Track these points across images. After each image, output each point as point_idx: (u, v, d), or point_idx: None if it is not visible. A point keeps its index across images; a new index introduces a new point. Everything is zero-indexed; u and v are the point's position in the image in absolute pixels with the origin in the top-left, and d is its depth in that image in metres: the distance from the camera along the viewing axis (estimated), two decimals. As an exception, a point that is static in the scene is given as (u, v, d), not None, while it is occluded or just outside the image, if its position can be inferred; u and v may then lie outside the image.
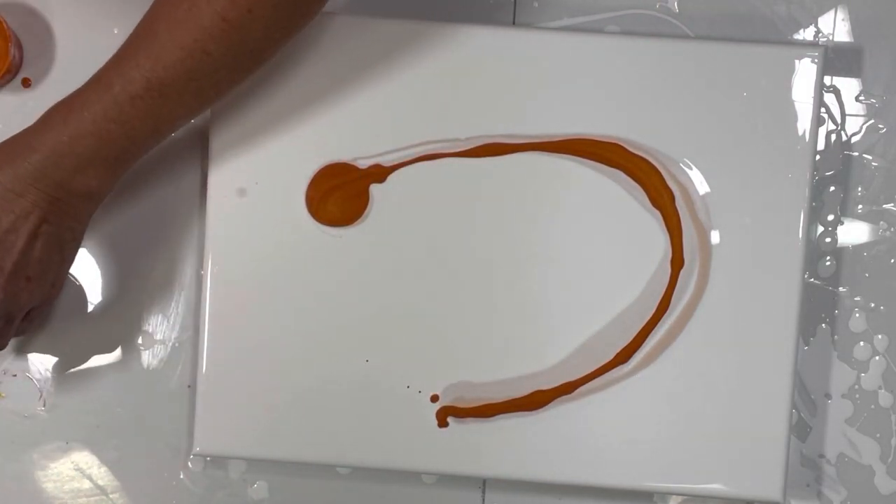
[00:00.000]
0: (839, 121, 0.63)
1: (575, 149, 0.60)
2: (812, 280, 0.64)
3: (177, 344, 0.65)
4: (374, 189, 0.61)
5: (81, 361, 0.65)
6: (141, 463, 0.65)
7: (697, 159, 0.60)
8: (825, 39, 0.63)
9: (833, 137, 0.64)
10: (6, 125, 0.54)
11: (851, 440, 0.64)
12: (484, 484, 0.65)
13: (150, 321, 0.65)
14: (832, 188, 0.64)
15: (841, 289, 0.64)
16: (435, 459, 0.61)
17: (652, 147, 0.60)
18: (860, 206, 0.64)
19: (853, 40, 0.63)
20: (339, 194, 0.61)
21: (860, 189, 0.64)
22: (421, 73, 0.60)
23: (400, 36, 0.60)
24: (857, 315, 0.64)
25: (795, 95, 0.59)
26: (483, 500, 0.65)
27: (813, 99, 0.59)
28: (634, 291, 0.60)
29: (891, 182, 0.63)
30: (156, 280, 0.64)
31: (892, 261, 0.64)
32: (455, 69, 0.60)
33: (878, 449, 0.64)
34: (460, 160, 0.61)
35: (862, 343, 0.64)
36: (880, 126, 0.63)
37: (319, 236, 0.61)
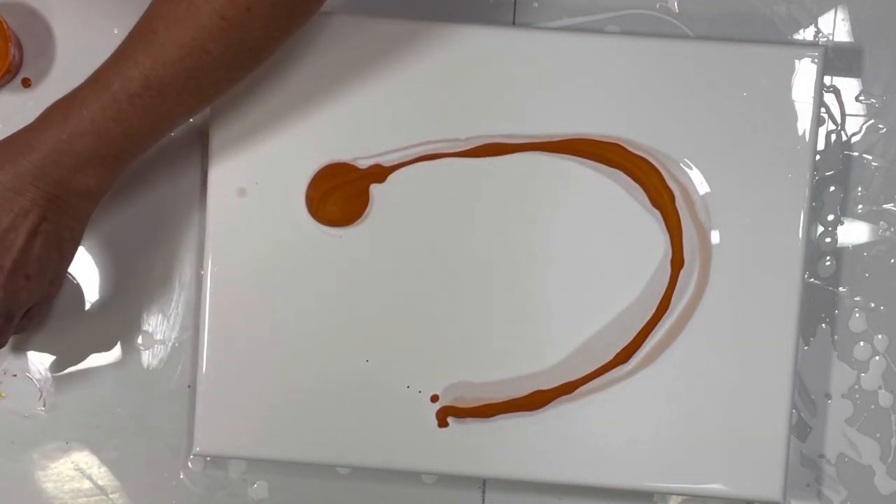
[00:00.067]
0: (839, 121, 0.63)
1: (575, 149, 0.60)
2: (812, 280, 0.64)
3: (177, 344, 0.65)
4: (374, 189, 0.61)
5: (80, 360, 0.65)
6: (141, 463, 0.65)
7: (697, 159, 0.60)
8: (825, 39, 0.63)
9: (833, 137, 0.64)
10: (6, 125, 0.54)
11: (851, 440, 0.64)
12: (484, 484, 0.65)
13: (150, 321, 0.65)
14: (832, 188, 0.64)
15: (841, 289, 0.64)
16: (435, 459, 0.61)
17: (652, 147, 0.60)
18: (860, 206, 0.64)
19: (853, 40, 0.63)
20: (339, 194, 0.61)
21: (860, 189, 0.64)
22: (421, 73, 0.60)
23: (400, 36, 0.60)
24: (857, 315, 0.64)
25: (795, 95, 0.59)
26: (483, 500, 0.65)
27: (813, 99, 0.59)
28: (634, 291, 0.60)
29: (891, 182, 0.63)
30: (155, 280, 0.64)
31: (892, 261, 0.64)
32: (455, 69, 0.60)
33: (878, 449, 0.64)
34: (460, 160, 0.61)
35: (862, 343, 0.64)
36: (880, 126, 0.63)
37: (319, 236, 0.61)
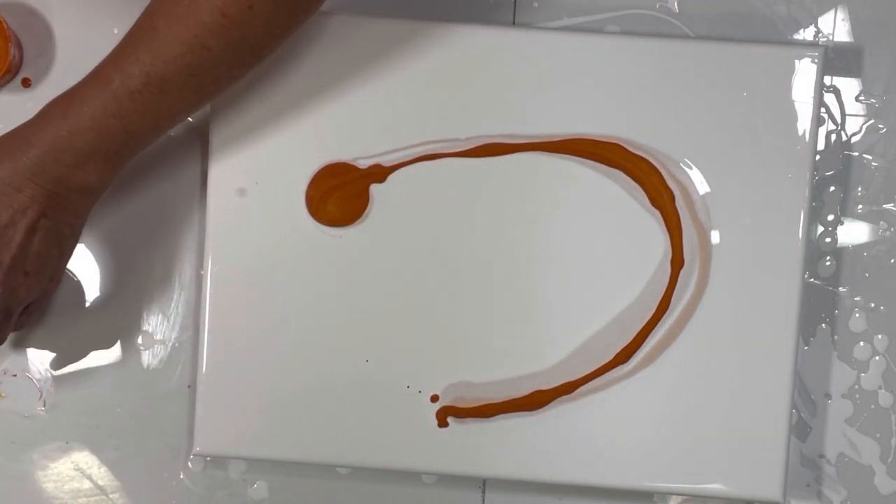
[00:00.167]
0: (839, 121, 0.63)
1: (575, 149, 0.60)
2: (812, 280, 0.64)
3: (177, 344, 0.65)
4: (374, 189, 0.61)
5: (80, 357, 0.65)
6: (141, 463, 0.65)
7: (697, 159, 0.60)
8: (825, 39, 0.63)
9: (833, 137, 0.64)
10: (6, 125, 0.54)
11: (851, 440, 0.64)
12: (484, 484, 0.65)
13: (150, 321, 0.65)
14: (832, 188, 0.64)
15: (841, 289, 0.64)
16: (435, 459, 0.61)
17: (652, 147, 0.60)
18: (860, 206, 0.64)
19: (853, 40, 0.63)
20: (339, 194, 0.61)
21: (860, 189, 0.64)
22: (421, 73, 0.60)
23: (400, 36, 0.60)
24: (857, 315, 0.64)
25: (795, 95, 0.59)
26: (483, 500, 0.65)
27: (813, 99, 0.59)
28: (634, 291, 0.60)
29: (891, 182, 0.63)
30: (155, 280, 0.64)
31: (892, 261, 0.64)
32: (455, 69, 0.60)
33: (878, 449, 0.64)
34: (460, 160, 0.61)
35: (862, 343, 0.64)
36: (880, 126, 0.63)
37: (319, 236, 0.61)
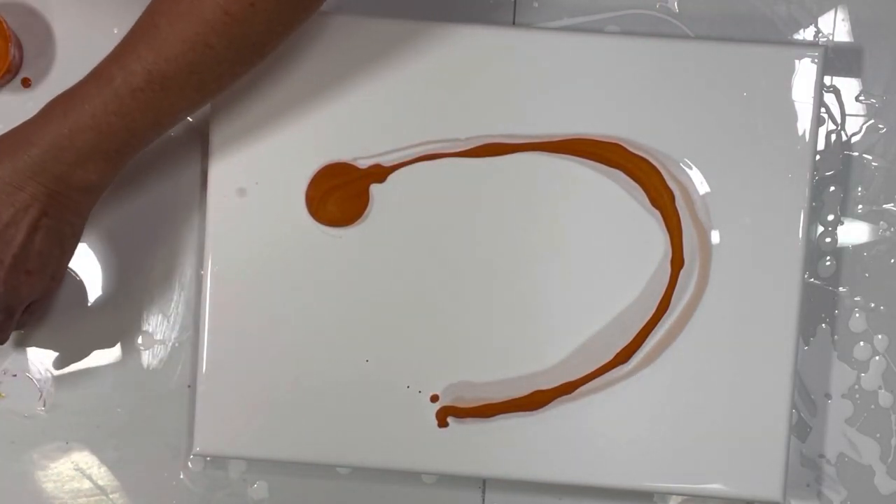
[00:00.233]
0: (839, 121, 0.63)
1: (575, 149, 0.60)
2: (812, 280, 0.64)
3: (177, 344, 0.65)
4: (374, 189, 0.61)
5: (81, 357, 0.65)
6: (141, 463, 0.65)
7: (697, 159, 0.60)
8: (825, 39, 0.63)
9: (833, 137, 0.64)
10: (6, 125, 0.54)
11: (851, 440, 0.64)
12: (484, 484, 0.65)
13: (150, 321, 0.65)
14: (832, 188, 0.64)
15: (841, 289, 0.64)
16: (435, 459, 0.61)
17: (652, 147, 0.60)
18: (860, 206, 0.64)
19: (853, 40, 0.63)
20: (339, 194, 0.61)
21: (860, 189, 0.64)
22: (421, 73, 0.60)
23: (400, 36, 0.60)
24: (857, 315, 0.64)
25: (795, 95, 0.59)
26: (483, 500, 0.65)
27: (813, 99, 0.59)
28: (634, 291, 0.60)
29: (891, 182, 0.63)
30: (156, 280, 0.64)
31: (892, 261, 0.64)
32: (455, 69, 0.60)
33: (878, 449, 0.64)
34: (460, 160, 0.61)
35: (862, 343, 0.64)
36: (880, 126, 0.63)
37: (319, 236, 0.61)
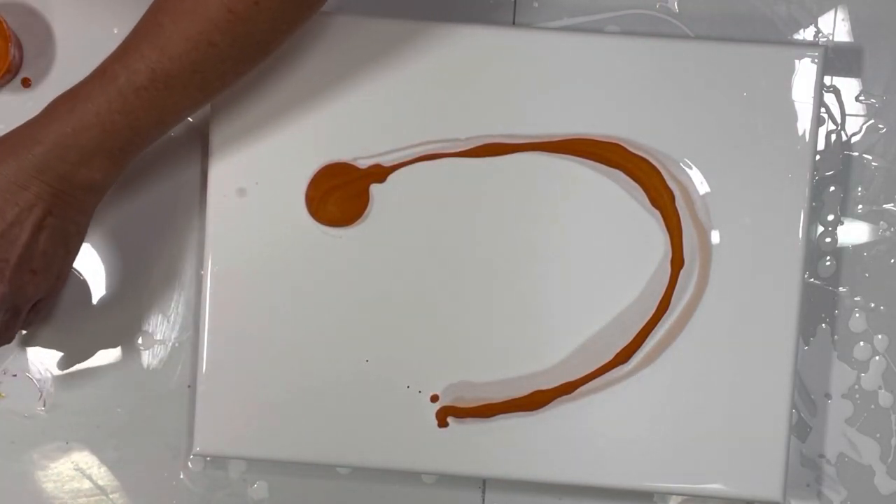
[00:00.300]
0: (839, 121, 0.63)
1: (575, 149, 0.60)
2: (812, 280, 0.64)
3: (177, 344, 0.65)
4: (374, 189, 0.61)
5: (84, 357, 0.65)
6: (141, 463, 0.65)
7: (697, 159, 0.60)
8: (825, 39, 0.63)
9: (833, 137, 0.64)
10: (6, 125, 0.54)
11: (851, 440, 0.64)
12: (484, 484, 0.65)
13: (150, 321, 0.65)
14: (832, 188, 0.64)
15: (841, 289, 0.64)
16: (435, 459, 0.61)
17: (652, 147, 0.60)
18: (860, 206, 0.64)
19: (853, 40, 0.63)
20: (339, 194, 0.61)
21: (860, 189, 0.64)
22: (421, 73, 0.60)
23: (400, 36, 0.60)
24: (857, 315, 0.64)
25: (795, 95, 0.59)
26: (483, 500, 0.65)
27: (813, 99, 0.59)
28: (634, 291, 0.60)
29: (891, 182, 0.63)
30: (156, 280, 0.64)
31: (892, 261, 0.64)
32: (455, 69, 0.60)
33: (878, 449, 0.64)
34: (460, 160, 0.61)
35: (862, 343, 0.64)
36: (880, 126, 0.63)
37: (319, 236, 0.61)
